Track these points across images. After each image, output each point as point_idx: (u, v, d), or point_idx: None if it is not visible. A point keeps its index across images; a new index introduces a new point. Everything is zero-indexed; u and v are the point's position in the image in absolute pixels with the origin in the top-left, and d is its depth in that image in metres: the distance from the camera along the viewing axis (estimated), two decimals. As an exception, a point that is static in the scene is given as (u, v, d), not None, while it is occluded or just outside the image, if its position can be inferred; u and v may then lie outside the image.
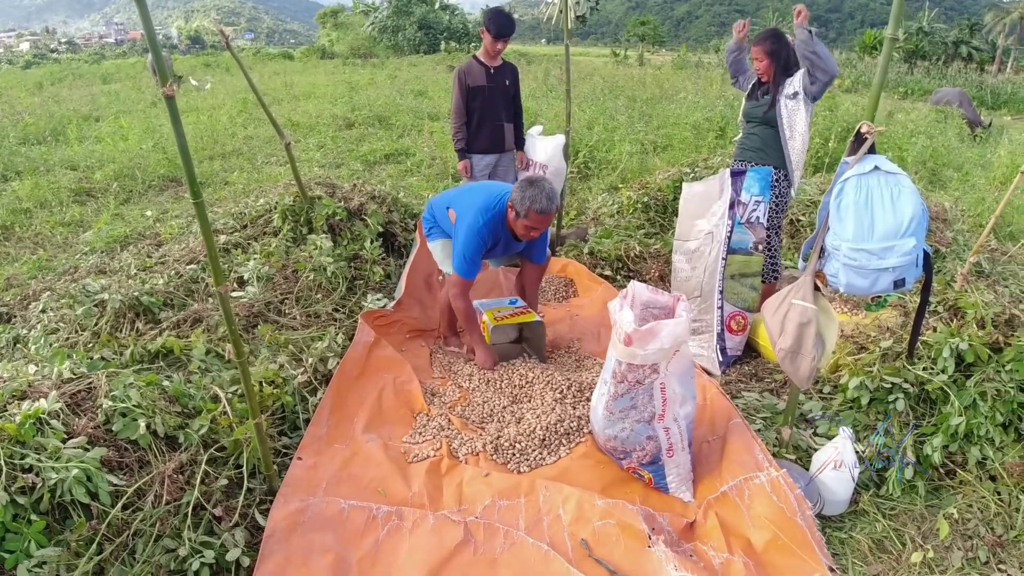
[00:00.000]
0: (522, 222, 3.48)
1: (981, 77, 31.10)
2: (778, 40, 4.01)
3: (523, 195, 3.44)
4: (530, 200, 3.41)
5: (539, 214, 3.43)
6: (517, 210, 3.48)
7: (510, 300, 4.07)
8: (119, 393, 2.60)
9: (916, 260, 2.50)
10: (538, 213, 3.42)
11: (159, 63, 1.87)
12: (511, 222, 3.58)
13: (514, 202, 3.49)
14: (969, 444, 2.94)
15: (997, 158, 8.85)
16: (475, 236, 3.56)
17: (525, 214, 3.44)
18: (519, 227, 3.53)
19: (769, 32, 4.10)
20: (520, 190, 3.46)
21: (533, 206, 3.41)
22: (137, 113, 13.05)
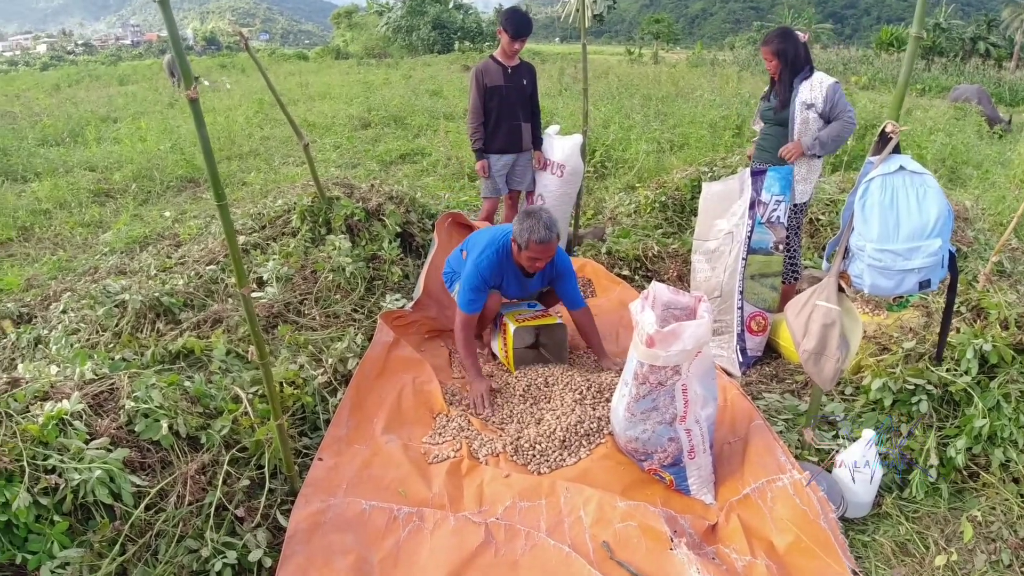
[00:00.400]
0: (525, 254, 3.52)
1: (999, 74, 30.76)
2: (785, 39, 3.98)
3: (521, 227, 3.48)
4: (528, 231, 3.44)
5: (539, 244, 3.44)
6: (519, 243, 3.53)
7: (529, 304, 4.05)
8: (141, 394, 2.61)
9: (942, 261, 2.47)
10: (537, 243, 3.44)
11: (183, 66, 1.88)
12: (516, 256, 3.65)
13: (515, 235, 3.54)
14: (992, 446, 2.91)
15: (1017, 156, 8.75)
16: (475, 270, 3.62)
17: (526, 245, 3.48)
18: (524, 260, 3.58)
19: (776, 32, 4.07)
20: (519, 222, 3.51)
21: (532, 236, 3.43)
22: (155, 114, 13.14)
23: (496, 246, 3.67)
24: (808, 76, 3.94)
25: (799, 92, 3.93)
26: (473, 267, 3.64)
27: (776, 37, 4.01)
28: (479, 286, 3.63)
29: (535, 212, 3.51)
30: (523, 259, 3.58)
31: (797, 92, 3.94)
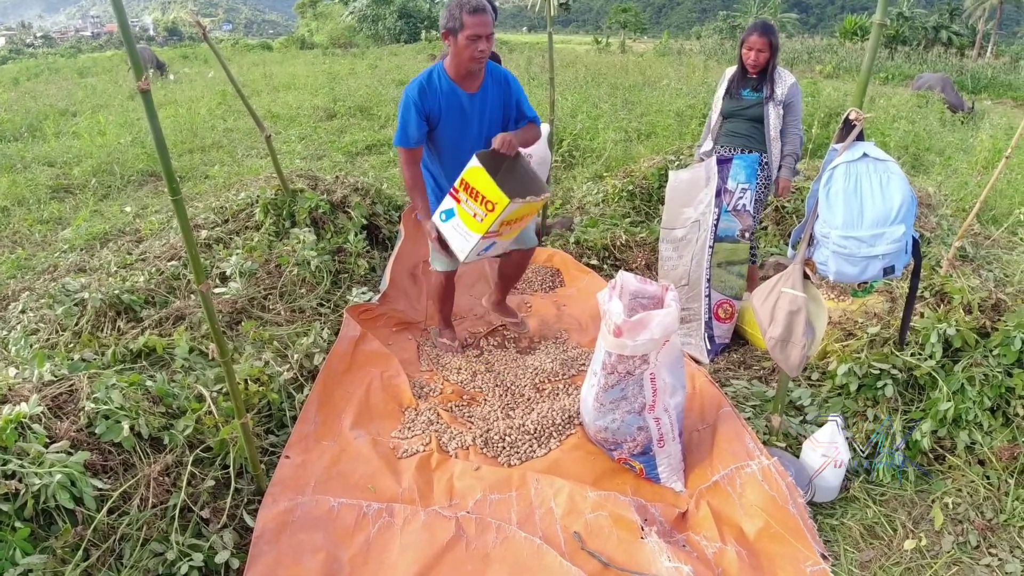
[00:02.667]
0: (463, 35, 3.02)
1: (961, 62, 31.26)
2: (777, 34, 4.00)
3: (449, 8, 3.03)
4: (458, 6, 2.99)
5: (472, 14, 2.97)
6: (451, 27, 3.04)
7: None
8: (101, 395, 2.55)
9: (905, 247, 2.49)
10: (471, 13, 2.97)
11: (133, 56, 1.82)
12: (455, 52, 3.12)
13: (445, 26, 3.08)
14: (958, 429, 2.96)
15: (979, 142, 8.89)
16: (406, 103, 3.20)
17: (460, 24, 3.00)
18: (463, 45, 3.05)
19: (769, 25, 4.04)
20: (446, 9, 3.07)
21: (464, 8, 2.98)
22: (115, 107, 12.86)
23: (425, 75, 3.24)
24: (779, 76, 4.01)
25: (776, 91, 3.98)
26: (404, 98, 3.21)
27: (772, 30, 3.99)
28: (409, 112, 3.18)
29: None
30: (462, 46, 3.05)
31: (774, 93, 3.98)
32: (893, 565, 2.50)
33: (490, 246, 3.23)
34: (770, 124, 4.00)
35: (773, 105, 3.98)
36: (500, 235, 3.16)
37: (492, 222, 3.01)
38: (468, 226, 3.10)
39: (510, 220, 3.10)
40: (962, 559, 2.53)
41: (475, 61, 3.09)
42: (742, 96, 4.11)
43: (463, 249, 3.16)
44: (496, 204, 2.97)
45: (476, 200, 3.03)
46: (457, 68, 3.18)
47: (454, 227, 3.17)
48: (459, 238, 3.16)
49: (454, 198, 3.12)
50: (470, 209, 3.07)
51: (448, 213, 3.18)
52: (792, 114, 3.99)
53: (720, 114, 4.23)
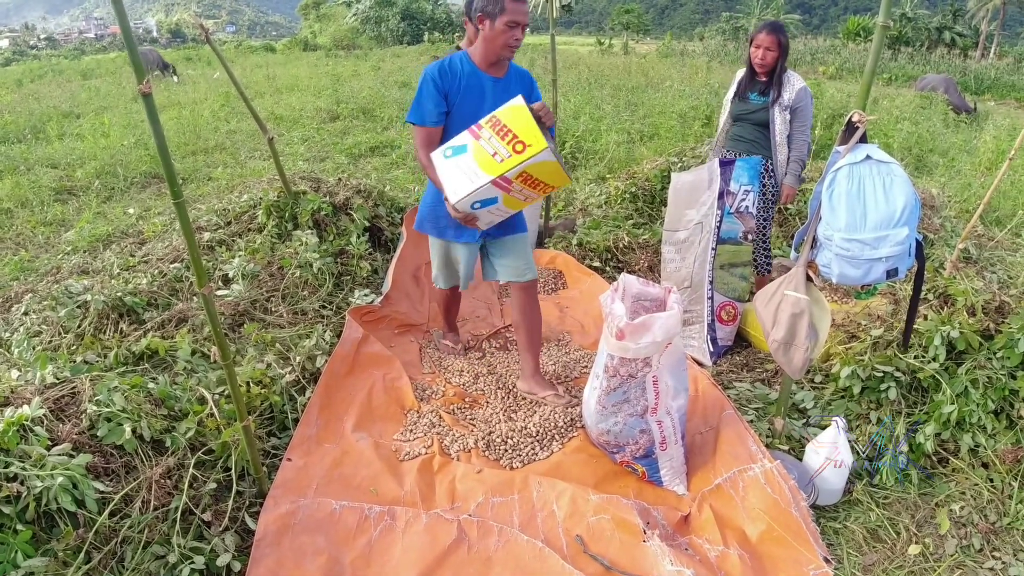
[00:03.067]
0: (502, 20, 2.85)
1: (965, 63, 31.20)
2: (787, 34, 3.94)
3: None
4: None
5: (515, 1, 2.84)
6: (488, 10, 2.86)
7: None
8: (103, 397, 2.55)
9: (909, 249, 2.48)
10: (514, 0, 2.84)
11: (134, 59, 1.82)
12: (486, 38, 2.95)
13: (483, 7, 2.87)
14: (961, 432, 2.94)
15: (982, 143, 8.87)
16: (424, 79, 3.00)
17: (501, 8, 2.83)
18: (499, 30, 2.88)
19: (780, 24, 3.98)
20: None
21: None
22: (118, 109, 12.89)
23: (447, 57, 3.07)
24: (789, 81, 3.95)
25: (783, 95, 3.92)
26: (424, 74, 3.00)
27: (782, 29, 3.93)
28: (428, 90, 2.98)
29: None
30: (497, 33, 2.89)
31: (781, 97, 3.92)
32: (896, 569, 2.50)
33: (491, 201, 2.80)
34: (775, 130, 3.96)
35: (779, 110, 3.93)
36: (510, 190, 2.76)
37: (514, 165, 2.65)
38: (480, 165, 2.72)
39: (529, 179, 2.73)
40: (965, 562, 2.52)
41: (508, 49, 2.94)
42: (749, 100, 4.07)
43: (460, 191, 2.75)
44: (529, 146, 2.64)
45: (504, 138, 2.70)
46: (486, 55, 3.00)
47: (457, 165, 2.78)
48: (461, 178, 2.76)
49: (473, 135, 2.78)
50: (490, 147, 2.72)
51: (458, 150, 2.80)
52: (800, 120, 3.93)
53: (729, 116, 4.21)
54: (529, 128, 2.66)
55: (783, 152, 4.01)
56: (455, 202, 2.78)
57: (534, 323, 3.40)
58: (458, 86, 3.00)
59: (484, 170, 2.71)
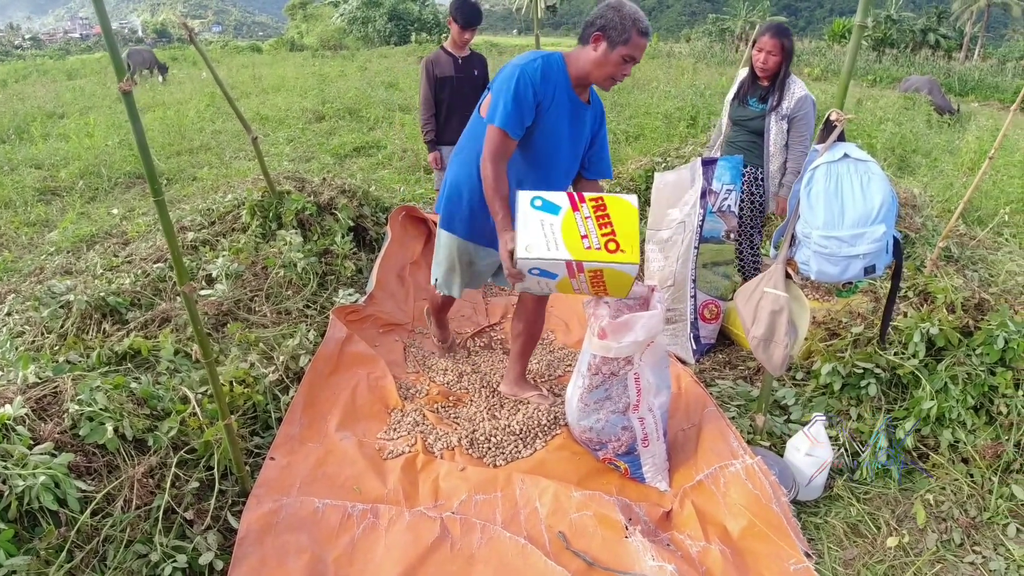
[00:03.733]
0: (622, 51, 2.55)
1: (949, 64, 31.51)
2: (792, 38, 3.80)
3: (620, 14, 2.53)
4: (632, 19, 2.52)
5: (642, 35, 2.55)
6: (612, 35, 2.54)
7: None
8: (86, 397, 2.54)
9: (886, 246, 2.51)
10: (641, 34, 2.55)
11: (115, 57, 1.83)
12: (596, 61, 2.61)
13: (606, 26, 2.55)
14: (941, 427, 2.98)
15: (965, 144, 8.96)
16: (520, 75, 2.58)
17: (627, 38, 2.53)
18: (614, 60, 2.58)
19: (785, 27, 3.84)
20: (613, 10, 2.54)
21: (637, 25, 2.53)
22: (103, 109, 12.83)
23: (544, 56, 2.66)
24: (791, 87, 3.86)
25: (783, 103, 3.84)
26: (518, 72, 2.58)
27: (788, 31, 3.79)
28: (524, 96, 2.58)
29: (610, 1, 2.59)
30: (611, 63, 2.59)
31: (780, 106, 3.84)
32: (877, 563, 2.52)
33: (549, 275, 2.51)
34: (770, 139, 3.92)
35: (776, 118, 3.87)
36: (574, 278, 2.51)
37: (597, 260, 2.42)
38: (565, 238, 2.44)
39: (599, 279, 2.51)
40: (946, 557, 2.55)
41: (611, 81, 2.66)
42: (748, 105, 4.02)
43: (534, 251, 2.42)
44: (622, 252, 2.42)
45: (601, 227, 2.46)
46: (587, 76, 2.68)
47: (542, 222, 2.46)
48: (540, 238, 2.44)
49: (572, 202, 2.50)
50: (583, 227, 2.46)
51: (550, 207, 2.49)
52: (798, 130, 3.82)
53: (728, 118, 4.17)
54: (631, 232, 2.45)
55: (776, 162, 3.97)
56: (520, 257, 2.43)
57: (536, 333, 3.33)
58: (551, 99, 2.66)
59: (567, 246, 2.43)
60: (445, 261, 3.13)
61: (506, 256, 2.51)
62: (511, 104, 2.56)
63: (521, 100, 2.57)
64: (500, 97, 2.59)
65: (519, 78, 2.57)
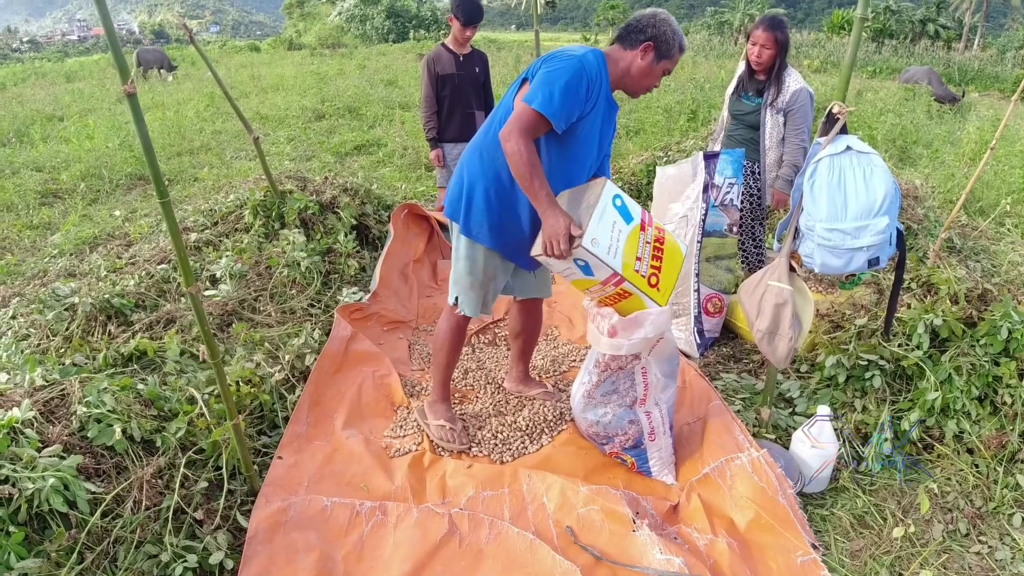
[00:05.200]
0: (664, 64, 2.58)
1: (948, 55, 31.38)
2: (786, 29, 3.77)
3: (671, 28, 2.55)
4: (678, 36, 2.58)
5: (682, 52, 2.62)
6: (660, 48, 2.54)
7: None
8: (93, 399, 2.55)
9: (889, 238, 2.52)
10: (682, 51, 2.61)
11: (118, 58, 1.83)
12: (641, 70, 2.58)
13: (658, 38, 2.53)
14: (946, 418, 2.98)
15: (965, 135, 8.95)
16: (579, 65, 2.45)
17: (669, 54, 2.56)
18: (656, 71, 2.59)
19: (778, 20, 3.81)
20: (665, 23, 2.55)
21: (680, 42, 2.58)
22: (103, 111, 12.83)
23: (593, 52, 2.55)
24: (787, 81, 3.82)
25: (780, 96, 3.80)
26: (576, 62, 2.45)
27: (781, 26, 3.75)
28: (575, 90, 2.44)
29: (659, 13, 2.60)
30: (655, 74, 2.61)
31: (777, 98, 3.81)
32: (883, 554, 2.53)
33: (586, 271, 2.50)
34: (766, 133, 3.91)
35: (772, 112, 3.85)
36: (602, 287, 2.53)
37: (635, 285, 2.48)
38: (625, 250, 2.48)
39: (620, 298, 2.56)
40: (952, 547, 2.55)
41: (646, 91, 2.68)
42: (745, 98, 4.01)
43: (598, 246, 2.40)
44: (657, 291, 2.55)
45: (654, 257, 2.56)
46: (627, 83, 2.64)
47: (614, 224, 2.49)
48: (607, 236, 2.45)
49: (642, 224, 2.58)
50: (642, 250, 2.53)
51: (625, 212, 2.55)
52: (793, 123, 3.80)
53: (727, 112, 4.17)
54: (671, 278, 2.59)
55: (772, 156, 3.95)
56: (583, 246, 2.37)
57: (536, 332, 3.32)
58: (596, 101, 2.55)
59: (623, 258, 2.46)
60: (470, 275, 2.82)
61: (560, 235, 2.38)
62: (561, 93, 2.41)
63: (573, 93, 2.43)
64: (550, 83, 2.41)
65: (576, 70, 2.43)
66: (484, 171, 2.66)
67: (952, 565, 2.49)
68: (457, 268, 2.84)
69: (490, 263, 2.79)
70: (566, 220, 2.39)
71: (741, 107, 4.04)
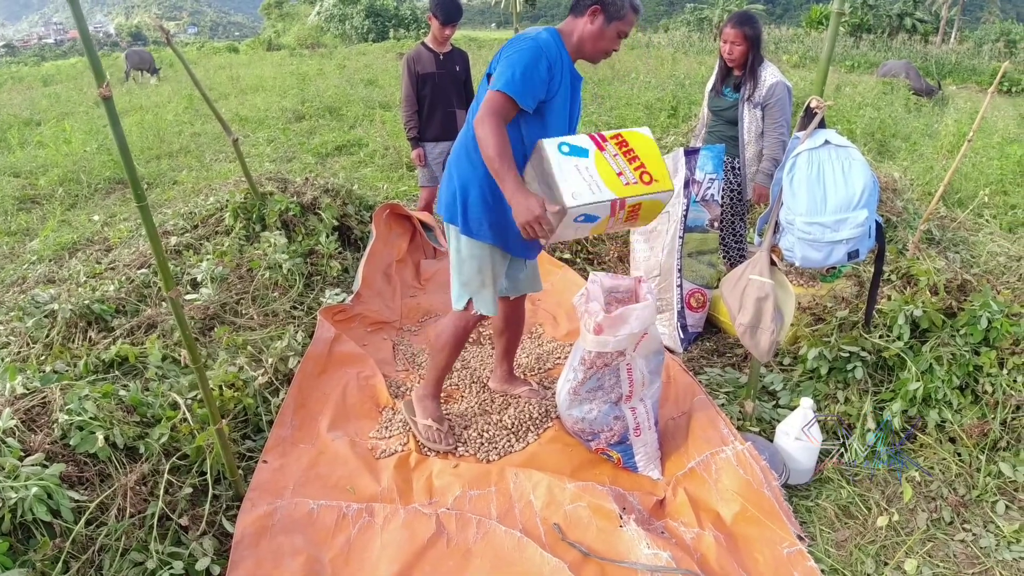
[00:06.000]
0: (616, 25, 2.57)
1: (926, 48, 31.62)
2: (756, 24, 3.79)
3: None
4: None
5: (636, 12, 2.60)
6: (610, 11, 2.54)
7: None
8: (75, 406, 2.53)
9: (869, 231, 2.54)
10: (636, 11, 2.60)
11: (94, 62, 1.81)
12: (592, 34, 2.58)
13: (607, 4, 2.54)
14: (927, 408, 3.01)
15: (943, 127, 9.04)
16: (537, 52, 2.47)
17: (622, 14, 2.55)
18: (609, 35, 2.58)
19: (747, 15, 3.84)
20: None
21: (633, 1, 2.58)
22: (80, 115, 12.69)
23: (548, 31, 2.59)
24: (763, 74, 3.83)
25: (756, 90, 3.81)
26: (531, 43, 2.49)
27: (749, 21, 3.77)
28: (539, 68, 2.47)
29: None
30: (607, 37, 2.59)
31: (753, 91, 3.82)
32: (869, 543, 2.55)
33: (592, 219, 2.46)
34: (744, 127, 3.94)
35: (749, 107, 3.87)
36: (614, 216, 2.49)
37: (637, 194, 2.44)
38: (604, 178, 2.43)
39: (636, 212, 2.52)
40: (936, 535, 2.58)
41: (604, 55, 2.66)
42: (723, 95, 4.03)
43: (581, 197, 2.36)
44: (656, 181, 2.47)
45: (631, 162, 2.50)
46: (582, 50, 2.63)
47: (577, 167, 2.43)
48: (581, 183, 2.40)
49: (596, 143, 2.51)
50: (615, 164, 2.48)
51: (577, 150, 2.48)
52: (772, 117, 3.80)
53: (707, 108, 4.19)
54: (658, 162, 2.52)
55: (751, 150, 3.97)
56: (571, 206, 2.34)
57: (520, 330, 3.32)
58: (561, 77, 2.57)
59: (608, 186, 2.42)
60: (478, 274, 2.79)
61: (534, 215, 2.35)
62: (522, 74, 2.43)
63: (534, 72, 2.45)
64: (511, 67, 2.44)
65: (534, 52, 2.46)
66: (475, 169, 2.66)
67: (937, 553, 2.52)
68: (464, 270, 2.80)
69: (496, 259, 2.79)
70: (536, 200, 2.37)
71: (720, 103, 4.06)
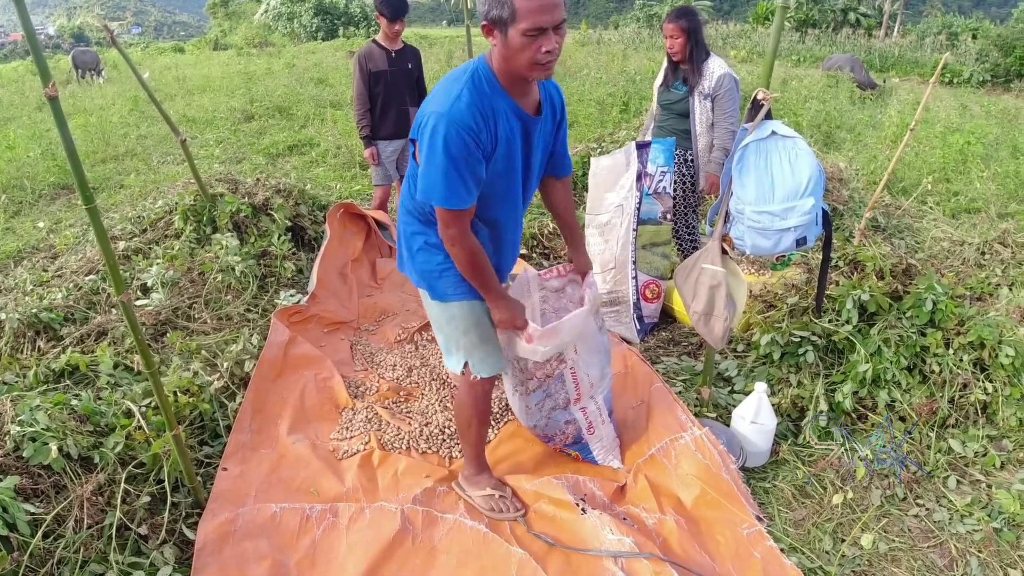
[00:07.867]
0: (516, 29, 1.96)
1: (869, 42, 32.22)
2: (693, 17, 3.88)
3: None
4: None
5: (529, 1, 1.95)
6: (495, 16, 1.99)
7: None
8: (26, 417, 2.47)
9: (816, 219, 2.60)
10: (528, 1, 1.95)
11: (40, 63, 1.78)
12: (503, 54, 2.05)
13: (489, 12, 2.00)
14: (877, 388, 3.10)
15: (887, 118, 9.26)
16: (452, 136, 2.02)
17: (511, 12, 1.95)
18: (517, 45, 1.98)
19: (683, 9, 3.93)
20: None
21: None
22: (23, 119, 12.31)
23: (468, 75, 2.12)
24: (708, 65, 3.92)
25: (701, 81, 3.89)
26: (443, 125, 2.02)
27: (685, 15, 3.86)
28: (461, 151, 2.04)
29: None
30: (518, 53, 2.01)
31: (699, 82, 3.90)
32: (825, 521, 2.62)
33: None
34: (695, 119, 4.00)
35: (699, 99, 3.94)
36: None
37: None
38: None
39: None
40: (891, 511, 2.66)
41: (537, 67, 2.04)
42: (673, 88, 4.09)
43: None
44: None
45: None
46: (511, 73, 2.10)
47: None
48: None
49: None
50: None
51: None
52: (721, 108, 3.89)
53: (657, 103, 4.24)
54: None
55: (703, 141, 4.04)
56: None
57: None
58: (492, 132, 2.12)
59: None
60: (468, 333, 2.45)
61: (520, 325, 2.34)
62: (444, 179, 2.06)
63: (457, 167, 2.05)
64: (434, 171, 2.06)
65: (446, 136, 2.02)
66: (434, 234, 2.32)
67: (892, 528, 2.60)
68: (448, 334, 2.48)
69: (480, 311, 2.43)
70: (518, 311, 2.35)
71: (670, 96, 4.11)
